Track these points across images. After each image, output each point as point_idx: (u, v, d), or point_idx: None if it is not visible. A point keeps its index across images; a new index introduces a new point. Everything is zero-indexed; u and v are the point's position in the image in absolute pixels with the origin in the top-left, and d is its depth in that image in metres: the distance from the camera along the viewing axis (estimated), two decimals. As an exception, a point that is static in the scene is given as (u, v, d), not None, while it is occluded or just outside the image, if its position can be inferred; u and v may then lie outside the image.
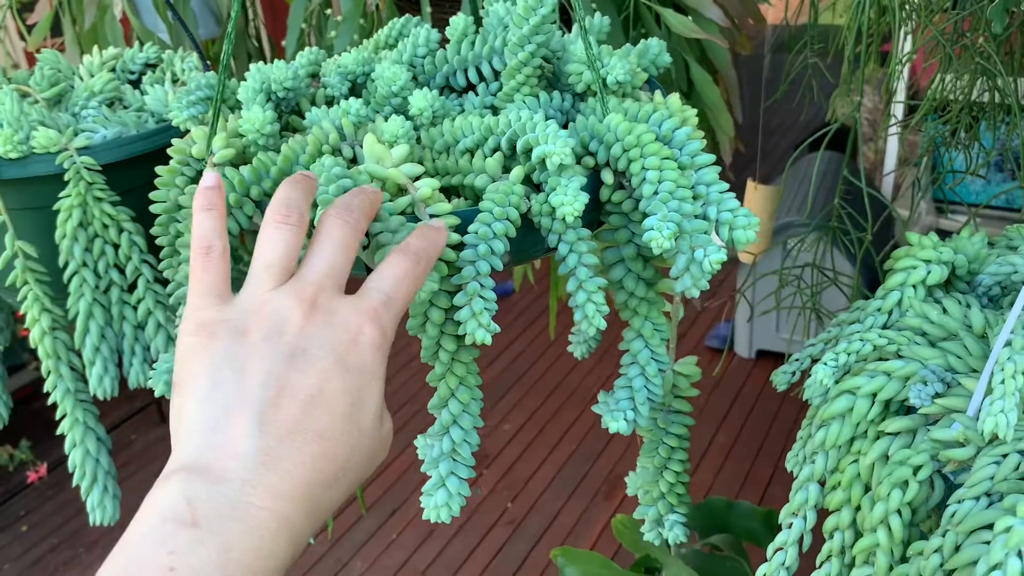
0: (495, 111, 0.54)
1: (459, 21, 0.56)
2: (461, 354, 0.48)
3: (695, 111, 0.49)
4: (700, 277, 0.44)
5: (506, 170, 0.48)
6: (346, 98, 0.54)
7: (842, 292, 1.03)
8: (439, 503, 0.48)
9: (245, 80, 0.54)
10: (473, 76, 0.55)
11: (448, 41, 0.57)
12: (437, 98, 0.52)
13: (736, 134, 1.04)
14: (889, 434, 0.43)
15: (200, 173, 0.52)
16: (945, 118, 1.07)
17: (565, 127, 0.51)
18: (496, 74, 0.55)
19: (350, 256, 0.39)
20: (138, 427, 2.57)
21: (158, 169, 0.52)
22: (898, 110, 1.87)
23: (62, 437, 0.68)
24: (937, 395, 0.42)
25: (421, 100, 0.51)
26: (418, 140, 0.52)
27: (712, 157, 0.47)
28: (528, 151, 0.46)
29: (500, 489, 2.27)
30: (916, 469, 0.41)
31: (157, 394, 0.53)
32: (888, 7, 0.93)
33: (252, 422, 0.34)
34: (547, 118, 0.50)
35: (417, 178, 0.47)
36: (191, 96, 0.54)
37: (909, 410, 0.44)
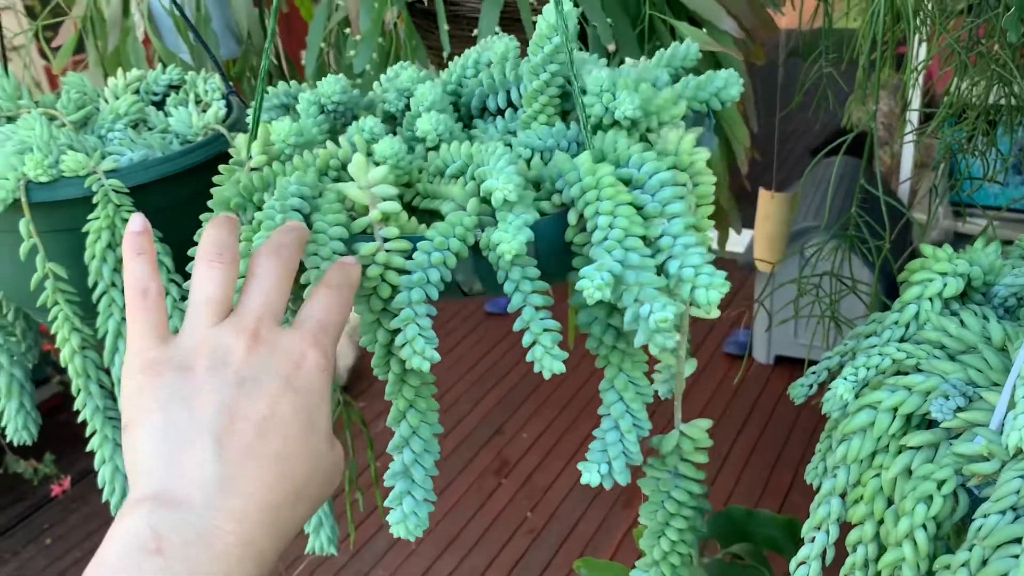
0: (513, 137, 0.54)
1: (499, 44, 0.56)
2: (409, 376, 0.48)
3: (705, 155, 0.47)
4: (648, 335, 0.41)
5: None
6: (403, 114, 0.55)
7: (861, 300, 1.03)
8: (397, 519, 0.49)
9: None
10: (503, 101, 0.55)
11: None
12: (443, 121, 0.52)
13: (751, 143, 1.05)
14: (911, 448, 0.43)
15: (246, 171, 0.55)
16: (961, 125, 1.07)
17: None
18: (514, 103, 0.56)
19: (284, 291, 0.40)
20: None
21: (220, 168, 0.55)
22: (913, 116, 1.87)
23: (85, 450, 0.70)
24: (959, 409, 0.42)
25: (426, 123, 0.52)
26: (425, 159, 0.53)
27: (684, 206, 0.44)
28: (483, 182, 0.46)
29: (520, 499, 2.28)
30: (940, 483, 0.41)
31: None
32: (903, 13, 0.94)
33: (210, 448, 0.35)
34: (561, 148, 0.50)
35: (407, 199, 0.48)
36: (268, 103, 0.60)
37: (930, 424, 0.45)
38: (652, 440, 0.51)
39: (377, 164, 0.50)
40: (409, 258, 0.46)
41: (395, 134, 0.57)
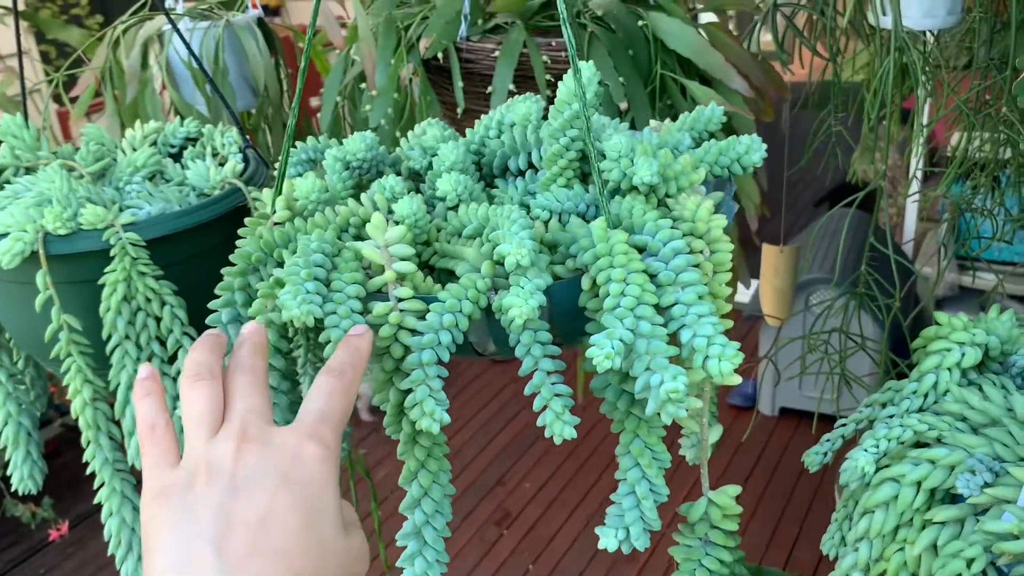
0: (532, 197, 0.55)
1: (522, 106, 0.57)
2: (421, 436, 0.48)
3: (723, 222, 0.47)
4: (659, 404, 0.41)
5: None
6: (426, 171, 0.56)
7: (870, 357, 1.03)
8: None
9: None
10: (524, 162, 0.56)
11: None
12: (463, 182, 0.53)
13: (761, 200, 1.05)
14: (937, 523, 0.43)
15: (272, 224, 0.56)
16: (968, 184, 1.08)
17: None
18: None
19: (263, 390, 0.42)
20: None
21: (246, 220, 0.55)
22: (919, 173, 1.88)
23: (84, 494, 0.69)
24: (986, 484, 0.42)
25: (446, 183, 0.52)
26: (445, 219, 0.53)
27: (697, 275, 0.45)
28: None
29: (522, 549, 2.25)
30: (970, 562, 0.40)
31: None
32: (909, 71, 0.95)
33: (211, 554, 0.35)
34: (579, 210, 0.51)
35: (425, 257, 0.49)
36: (296, 157, 0.61)
37: (955, 498, 0.44)
38: (680, 508, 0.51)
39: (396, 223, 0.50)
40: (422, 319, 0.46)
41: (419, 191, 0.58)
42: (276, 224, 0.53)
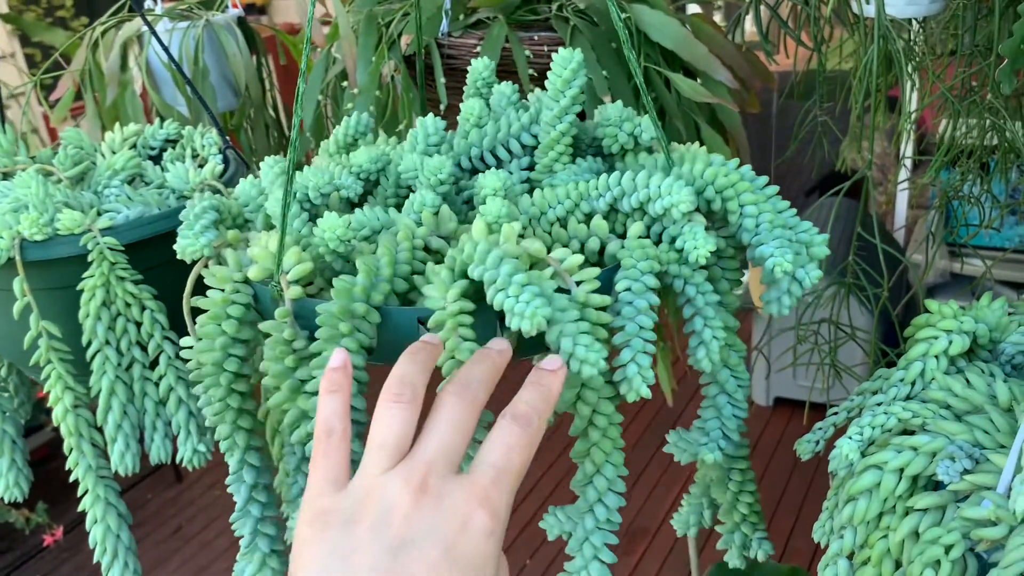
0: (531, 183, 0.55)
1: (473, 106, 0.58)
2: (611, 430, 0.48)
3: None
4: (798, 294, 0.48)
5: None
6: (363, 198, 0.55)
7: (860, 347, 1.02)
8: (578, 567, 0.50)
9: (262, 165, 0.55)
10: (503, 154, 0.56)
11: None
12: (507, 177, 0.52)
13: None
14: (918, 510, 0.43)
15: (257, 293, 0.51)
16: (956, 171, 1.08)
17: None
18: (525, 148, 0.56)
19: (466, 435, 0.38)
20: (154, 487, 2.56)
21: (205, 309, 0.51)
22: (908, 162, 1.88)
23: (78, 499, 0.68)
24: (966, 471, 0.42)
25: (495, 180, 0.51)
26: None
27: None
28: (640, 207, 0.48)
29: (519, 545, 2.25)
30: (948, 548, 0.40)
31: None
32: (895, 60, 0.95)
33: None
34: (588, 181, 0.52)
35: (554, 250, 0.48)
36: (200, 223, 0.53)
37: (937, 485, 0.44)
38: None
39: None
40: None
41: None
42: (292, 283, 0.48)
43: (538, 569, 2.17)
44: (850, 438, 0.46)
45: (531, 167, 0.57)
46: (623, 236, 0.50)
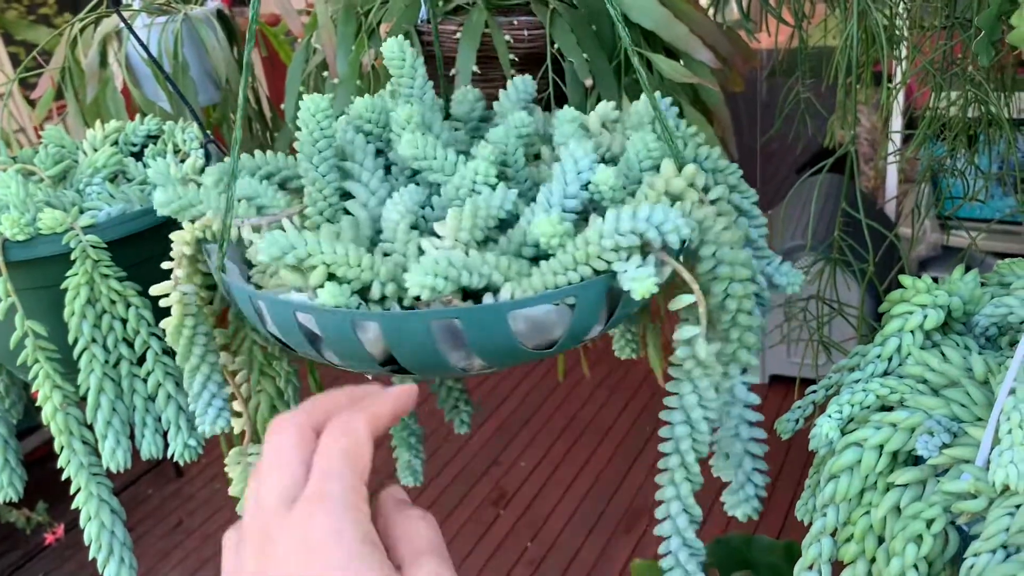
0: None
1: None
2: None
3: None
4: None
5: None
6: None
7: (849, 324, 1.03)
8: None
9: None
10: None
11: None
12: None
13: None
14: (899, 486, 0.43)
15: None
16: (941, 143, 1.08)
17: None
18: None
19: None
20: (155, 482, 2.57)
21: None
22: (895, 133, 1.88)
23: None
24: (944, 445, 0.42)
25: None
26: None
27: None
28: None
29: (519, 528, 2.26)
30: (929, 522, 0.41)
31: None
32: (876, 36, 0.94)
33: None
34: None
35: None
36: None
37: (917, 460, 0.44)
38: None
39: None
40: None
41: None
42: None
43: (540, 551, 2.18)
44: (829, 416, 0.47)
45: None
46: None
